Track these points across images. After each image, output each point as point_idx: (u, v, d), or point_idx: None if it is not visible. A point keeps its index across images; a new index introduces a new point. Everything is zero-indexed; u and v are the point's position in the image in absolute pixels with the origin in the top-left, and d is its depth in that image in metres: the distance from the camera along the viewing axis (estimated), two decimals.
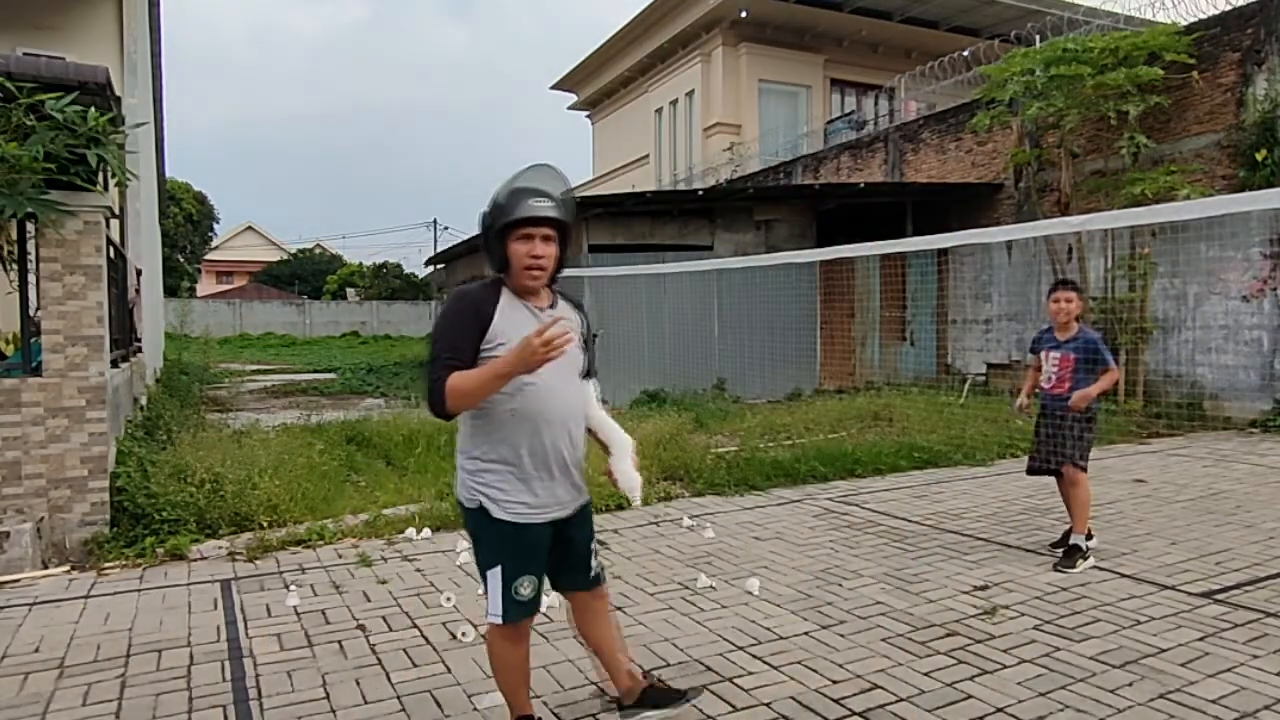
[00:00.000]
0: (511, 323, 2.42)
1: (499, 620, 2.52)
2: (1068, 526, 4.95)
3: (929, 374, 13.54)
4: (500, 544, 2.50)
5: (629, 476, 2.73)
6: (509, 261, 2.43)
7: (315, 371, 21.55)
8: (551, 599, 4.15)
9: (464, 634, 3.74)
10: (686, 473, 7.16)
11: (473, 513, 2.53)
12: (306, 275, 51.82)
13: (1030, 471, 5.10)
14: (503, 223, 2.39)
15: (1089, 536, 5.01)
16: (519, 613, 2.53)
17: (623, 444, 2.75)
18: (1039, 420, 5.00)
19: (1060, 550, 4.88)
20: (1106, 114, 10.51)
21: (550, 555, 2.61)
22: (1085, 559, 4.69)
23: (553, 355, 2.23)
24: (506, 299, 2.47)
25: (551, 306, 2.55)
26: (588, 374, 2.66)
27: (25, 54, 7.71)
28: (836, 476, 7.33)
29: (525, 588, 2.52)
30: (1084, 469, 4.79)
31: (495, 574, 2.51)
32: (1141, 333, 10.69)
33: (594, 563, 2.73)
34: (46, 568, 4.79)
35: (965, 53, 16.18)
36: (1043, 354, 4.95)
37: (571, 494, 2.61)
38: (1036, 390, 5.06)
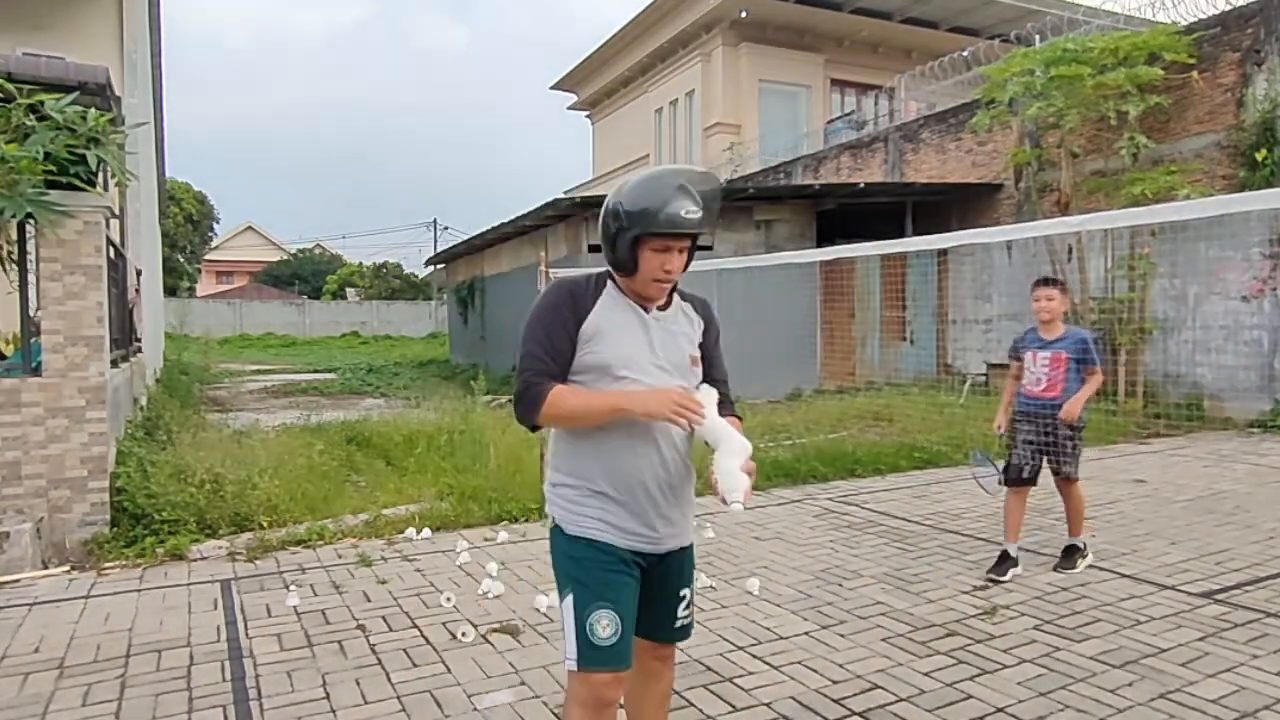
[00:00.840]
0: (612, 321, 2.15)
1: (574, 665, 2.08)
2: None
3: (929, 374, 13.53)
4: (571, 566, 2.14)
5: (731, 476, 2.17)
6: (637, 268, 2.13)
7: (315, 371, 21.54)
8: (552, 598, 4.17)
9: (464, 634, 3.74)
10: None
11: (551, 531, 2.23)
12: (306, 275, 51.83)
13: (1009, 483, 4.73)
14: (643, 232, 2.07)
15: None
16: (596, 658, 2.06)
17: (734, 444, 2.22)
18: (1019, 425, 4.67)
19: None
20: (1106, 114, 10.51)
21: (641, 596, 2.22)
22: (1085, 557, 4.69)
23: (679, 422, 2.06)
24: (611, 293, 2.19)
25: (664, 308, 2.24)
26: (712, 381, 2.32)
27: (25, 54, 7.71)
28: (836, 476, 7.33)
29: (603, 625, 2.07)
30: (1076, 479, 4.65)
31: (568, 605, 2.12)
32: (1141, 333, 10.69)
33: (683, 612, 2.30)
34: (46, 568, 4.79)
35: (965, 53, 16.17)
36: (1029, 355, 4.60)
37: (666, 527, 2.22)
38: (1017, 394, 4.73)
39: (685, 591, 2.30)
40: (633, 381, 2.12)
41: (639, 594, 2.19)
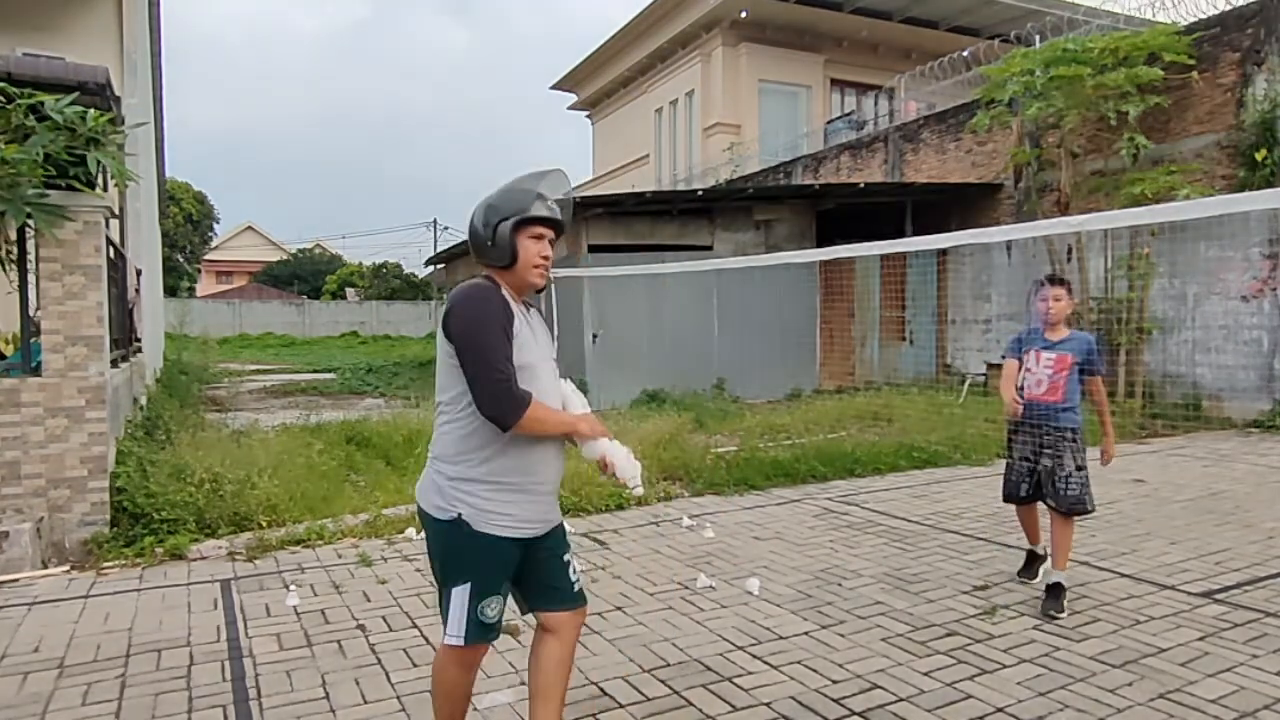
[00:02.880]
0: (520, 323, 2.37)
1: (459, 642, 2.35)
2: (1041, 556, 4.46)
3: (928, 374, 13.53)
4: (475, 559, 2.35)
5: (630, 464, 2.50)
6: (517, 257, 2.35)
7: (315, 371, 21.54)
8: None
9: None
10: (686, 473, 7.16)
11: (446, 524, 2.35)
12: (306, 275, 51.80)
13: (1010, 499, 4.43)
14: (522, 217, 2.32)
15: (1043, 558, 4.47)
16: (480, 635, 2.38)
17: (613, 440, 2.56)
18: (1015, 437, 4.35)
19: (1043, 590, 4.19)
20: (1106, 114, 10.51)
21: (524, 575, 2.49)
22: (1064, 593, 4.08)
23: (599, 436, 2.52)
24: (509, 297, 2.39)
25: (525, 307, 2.49)
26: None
27: (25, 54, 7.71)
28: (836, 476, 7.33)
29: (492, 609, 2.37)
30: (1081, 509, 4.11)
31: (463, 591, 2.34)
32: (1141, 333, 10.69)
33: (573, 575, 2.58)
34: (46, 567, 4.79)
35: (965, 53, 16.18)
36: (1031, 354, 4.22)
37: (555, 511, 2.53)
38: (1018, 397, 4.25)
39: (568, 556, 2.59)
40: (537, 376, 2.39)
41: (534, 576, 2.51)
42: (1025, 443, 4.29)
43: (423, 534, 5.54)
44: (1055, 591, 4.05)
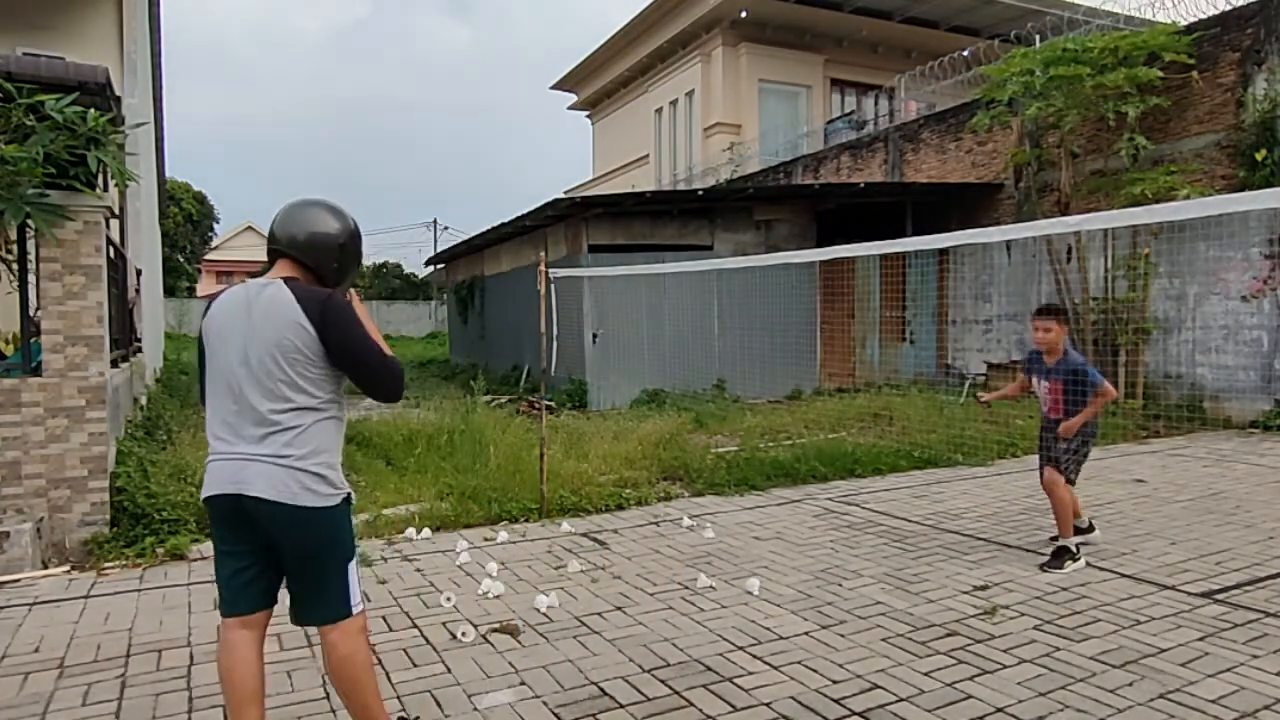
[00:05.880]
0: None
1: (357, 608, 2.59)
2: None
3: (929, 374, 13.54)
4: (351, 529, 2.63)
5: None
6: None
7: None
8: (551, 598, 4.17)
9: (464, 634, 3.74)
10: (686, 473, 7.17)
11: (342, 507, 2.55)
12: None
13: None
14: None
15: (1090, 529, 5.05)
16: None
17: None
18: (1042, 434, 5.00)
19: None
20: (1106, 114, 10.51)
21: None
22: (1075, 559, 4.67)
23: None
24: None
25: None
26: None
27: (25, 54, 7.71)
28: (836, 476, 7.33)
29: None
30: (1064, 474, 4.74)
31: (354, 563, 2.60)
32: (1141, 333, 10.69)
33: None
34: (46, 568, 4.79)
35: (965, 53, 16.19)
36: (1034, 379, 4.94)
37: None
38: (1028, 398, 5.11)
39: None
40: None
41: None
42: (1048, 439, 4.90)
43: (424, 533, 5.58)
44: (1058, 553, 4.70)
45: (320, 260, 2.57)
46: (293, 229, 2.55)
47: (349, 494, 2.58)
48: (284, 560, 2.54)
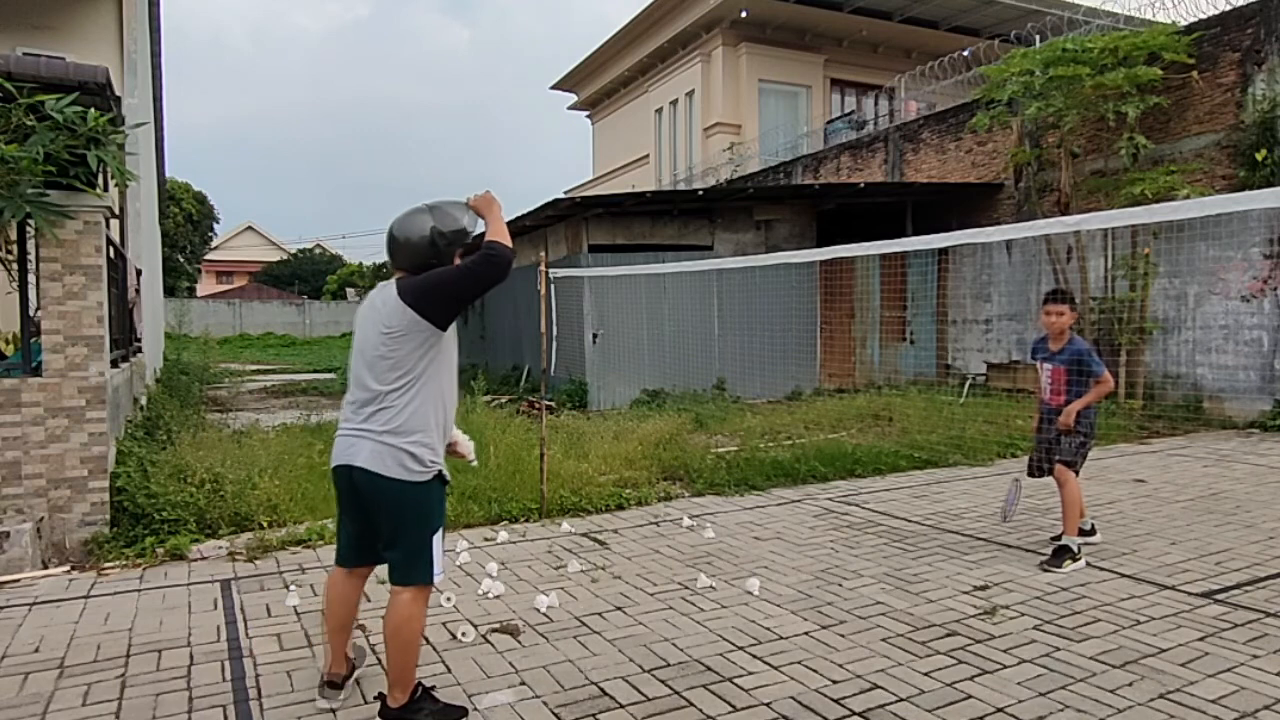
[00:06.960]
0: None
1: (440, 578, 2.87)
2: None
3: (929, 374, 13.53)
4: (441, 505, 2.92)
5: (468, 443, 3.36)
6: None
7: (315, 371, 21.55)
8: (552, 598, 4.17)
9: (464, 634, 3.74)
10: (686, 473, 7.16)
11: (427, 484, 2.83)
12: (306, 275, 51.81)
13: (1030, 474, 5.20)
14: (470, 241, 2.94)
15: (1092, 532, 5.06)
16: None
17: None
18: (1040, 426, 5.08)
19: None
20: (1106, 114, 10.51)
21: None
22: (1075, 560, 4.65)
23: None
24: None
25: None
26: None
27: (25, 54, 7.72)
28: (836, 476, 7.33)
29: None
30: (1072, 468, 4.82)
31: (440, 536, 2.88)
32: (1141, 333, 10.69)
33: None
34: (46, 568, 4.79)
35: (965, 53, 16.20)
36: (1039, 364, 5.02)
37: None
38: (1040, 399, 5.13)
39: None
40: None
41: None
42: (1046, 430, 4.98)
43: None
44: (1059, 551, 4.72)
45: (416, 260, 2.88)
46: (391, 247, 2.92)
47: (441, 471, 2.87)
48: (380, 526, 2.84)
